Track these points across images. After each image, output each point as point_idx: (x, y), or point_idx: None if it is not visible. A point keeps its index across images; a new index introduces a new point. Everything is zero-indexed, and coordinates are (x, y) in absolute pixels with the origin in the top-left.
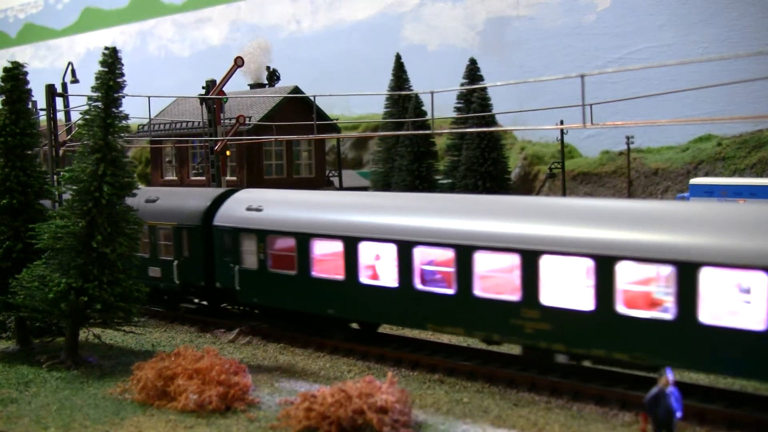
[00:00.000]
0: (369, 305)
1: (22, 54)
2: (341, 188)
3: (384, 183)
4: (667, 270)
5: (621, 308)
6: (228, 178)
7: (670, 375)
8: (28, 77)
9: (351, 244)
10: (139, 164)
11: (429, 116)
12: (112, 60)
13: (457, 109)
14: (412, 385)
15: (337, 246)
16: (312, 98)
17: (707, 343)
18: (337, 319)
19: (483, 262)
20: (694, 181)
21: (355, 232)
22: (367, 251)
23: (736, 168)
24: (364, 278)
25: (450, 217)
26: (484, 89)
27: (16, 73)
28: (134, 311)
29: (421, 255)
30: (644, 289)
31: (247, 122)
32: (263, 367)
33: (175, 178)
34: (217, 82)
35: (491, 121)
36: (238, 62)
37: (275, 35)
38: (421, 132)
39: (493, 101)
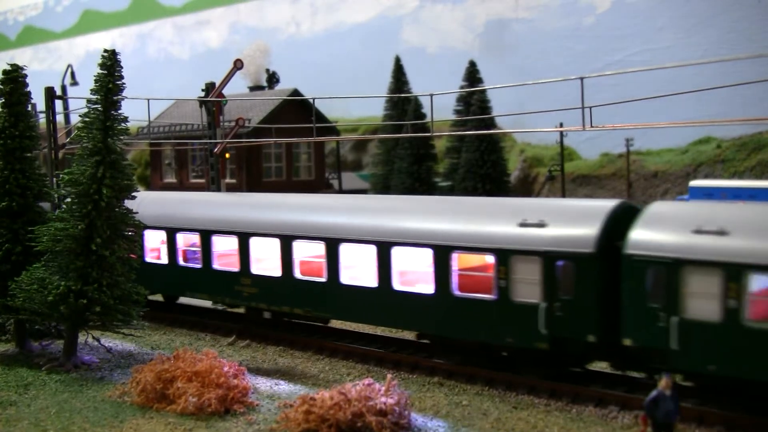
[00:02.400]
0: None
1: (21, 56)
2: (340, 191)
3: (383, 185)
4: (321, 244)
5: (298, 275)
6: (227, 180)
7: (669, 378)
8: (28, 80)
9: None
10: (139, 167)
11: (428, 119)
12: (111, 62)
13: (457, 112)
14: (411, 387)
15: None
16: (311, 101)
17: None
18: None
19: (219, 244)
20: (693, 183)
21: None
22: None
23: (735, 170)
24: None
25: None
26: (483, 91)
27: (16, 76)
28: (133, 314)
29: (183, 239)
30: (316, 261)
31: (246, 125)
32: (262, 370)
33: (175, 180)
34: (217, 85)
35: (491, 123)
36: (238, 65)
37: (275, 38)
38: (420, 134)
39: (493, 103)
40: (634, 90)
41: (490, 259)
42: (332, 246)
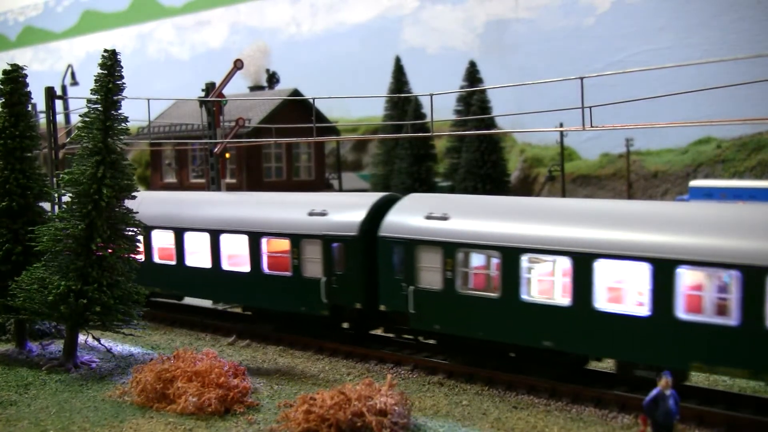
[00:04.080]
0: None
1: (21, 56)
2: (341, 190)
3: (384, 186)
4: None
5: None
6: (227, 180)
7: (669, 377)
8: (28, 80)
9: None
10: (139, 167)
11: (428, 119)
12: (111, 62)
13: (457, 112)
14: (411, 387)
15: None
16: (311, 101)
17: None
18: None
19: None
20: (693, 183)
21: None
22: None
23: (735, 170)
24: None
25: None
26: (483, 91)
27: (16, 76)
28: (134, 314)
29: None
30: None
31: (246, 125)
32: (263, 370)
33: (175, 180)
34: (217, 85)
35: (491, 123)
36: (238, 65)
37: (275, 38)
38: (420, 135)
39: (493, 104)
40: (634, 90)
41: (287, 242)
42: (179, 234)
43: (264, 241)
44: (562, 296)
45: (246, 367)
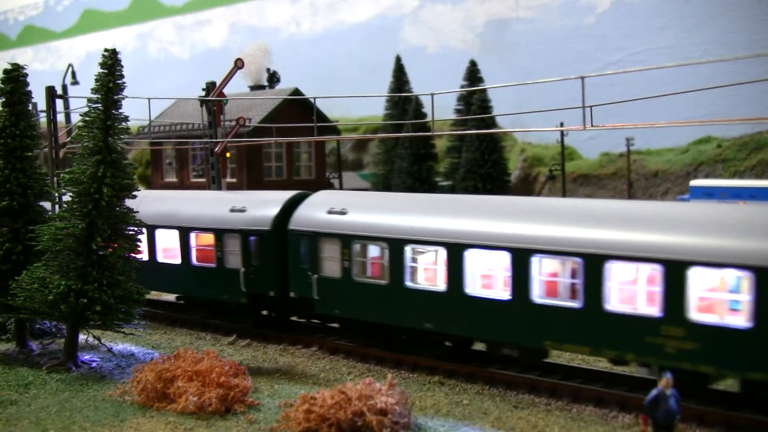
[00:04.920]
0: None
1: (22, 56)
2: (341, 189)
3: (384, 185)
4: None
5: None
6: (228, 180)
7: (669, 377)
8: (29, 79)
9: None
10: (140, 166)
11: (429, 118)
12: (111, 62)
13: (458, 111)
14: (412, 387)
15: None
16: (312, 100)
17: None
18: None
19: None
20: (694, 183)
21: None
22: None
23: (735, 170)
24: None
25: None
26: (484, 91)
27: (17, 75)
28: (134, 313)
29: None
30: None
31: (247, 124)
32: (263, 369)
33: (176, 179)
34: (217, 84)
35: (491, 122)
36: (238, 64)
37: (275, 37)
38: (421, 134)
39: (493, 103)
40: (635, 90)
41: (212, 236)
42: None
43: (192, 235)
44: (443, 283)
45: (246, 366)
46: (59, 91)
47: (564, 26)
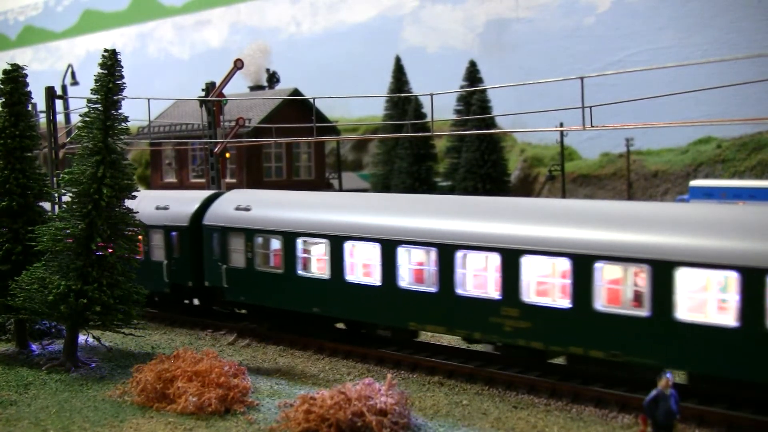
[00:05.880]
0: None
1: (21, 56)
2: (341, 190)
3: (384, 185)
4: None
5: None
6: (228, 180)
7: (669, 377)
8: (28, 79)
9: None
10: (139, 166)
11: (429, 118)
12: (111, 62)
13: (457, 112)
14: (411, 387)
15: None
16: (312, 100)
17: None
18: None
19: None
20: (693, 183)
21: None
22: None
23: (735, 170)
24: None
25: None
26: (483, 91)
27: (16, 75)
28: (134, 313)
29: None
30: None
31: (246, 124)
32: (263, 370)
33: (175, 180)
34: (217, 84)
35: (491, 123)
36: (238, 64)
37: (275, 37)
38: (420, 134)
39: (493, 103)
40: (635, 90)
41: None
42: None
43: None
44: (327, 272)
45: (246, 366)
46: (59, 92)
47: (564, 26)
